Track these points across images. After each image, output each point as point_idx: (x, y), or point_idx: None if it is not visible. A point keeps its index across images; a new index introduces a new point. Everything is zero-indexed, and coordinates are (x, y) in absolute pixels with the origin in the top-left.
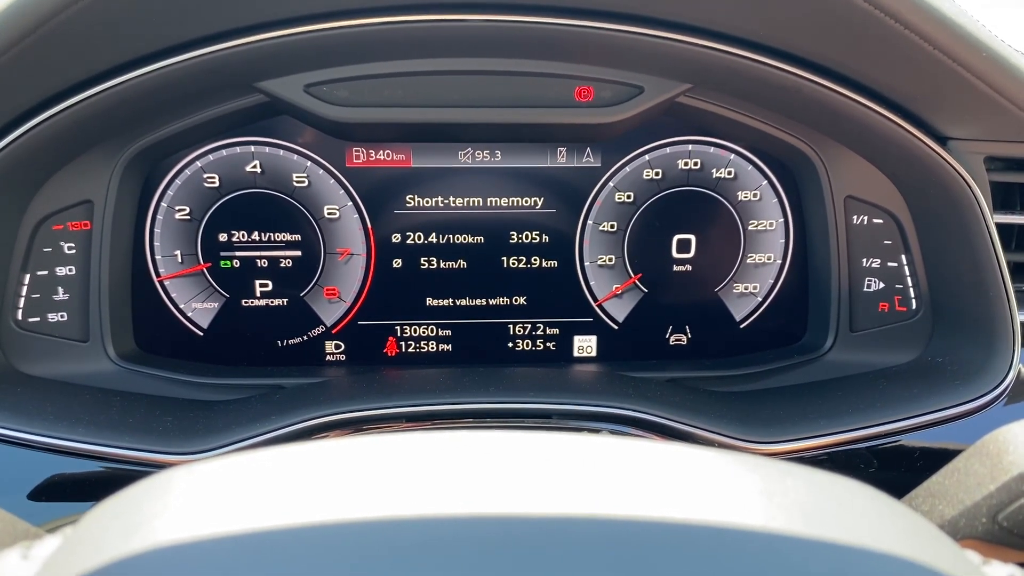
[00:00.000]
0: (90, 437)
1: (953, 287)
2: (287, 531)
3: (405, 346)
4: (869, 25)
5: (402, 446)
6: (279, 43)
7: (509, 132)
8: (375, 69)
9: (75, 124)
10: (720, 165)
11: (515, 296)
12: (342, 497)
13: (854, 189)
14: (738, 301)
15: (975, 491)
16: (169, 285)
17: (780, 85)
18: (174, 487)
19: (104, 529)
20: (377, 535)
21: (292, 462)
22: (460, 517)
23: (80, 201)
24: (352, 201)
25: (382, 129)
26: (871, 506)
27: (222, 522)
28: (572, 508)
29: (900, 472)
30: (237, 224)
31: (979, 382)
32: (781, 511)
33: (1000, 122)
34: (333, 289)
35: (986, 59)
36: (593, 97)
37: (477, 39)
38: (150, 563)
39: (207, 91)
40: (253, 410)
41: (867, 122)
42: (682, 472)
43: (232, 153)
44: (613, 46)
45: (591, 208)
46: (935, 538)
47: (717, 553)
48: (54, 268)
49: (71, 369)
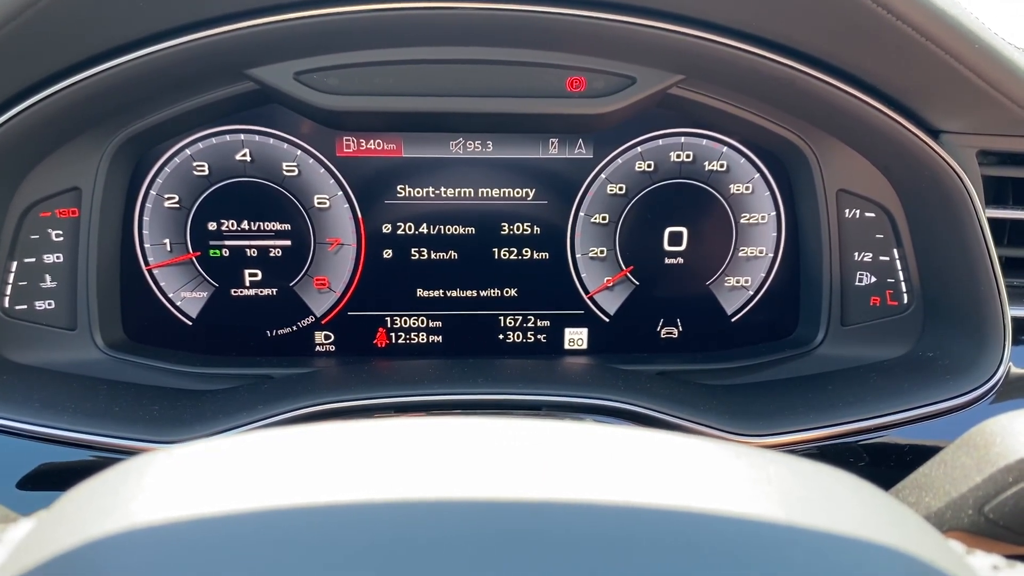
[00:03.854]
0: (77, 425)
1: (945, 282)
2: (262, 514)
3: (395, 337)
4: (862, 16)
5: (383, 431)
6: (269, 30)
7: (501, 122)
8: (366, 57)
9: (63, 111)
10: (712, 158)
11: (506, 288)
12: (316, 481)
13: (846, 183)
14: (729, 294)
15: (961, 483)
16: (158, 274)
17: (772, 77)
18: (150, 470)
19: (78, 511)
20: (350, 519)
21: (269, 446)
22: (434, 501)
23: (68, 188)
24: (342, 191)
25: (372, 118)
26: (854, 495)
27: (197, 504)
28: (551, 494)
29: (890, 467)
30: (226, 213)
31: (970, 377)
32: (763, 498)
33: (993, 116)
34: (323, 279)
35: (979, 52)
36: (585, 87)
37: (469, 28)
38: (124, 544)
39: (196, 78)
40: (241, 399)
41: (860, 115)
42: (664, 458)
43: (222, 141)
44: (605, 36)
45: (583, 200)
46: (918, 527)
47: (698, 539)
48: (41, 256)
49: (58, 357)
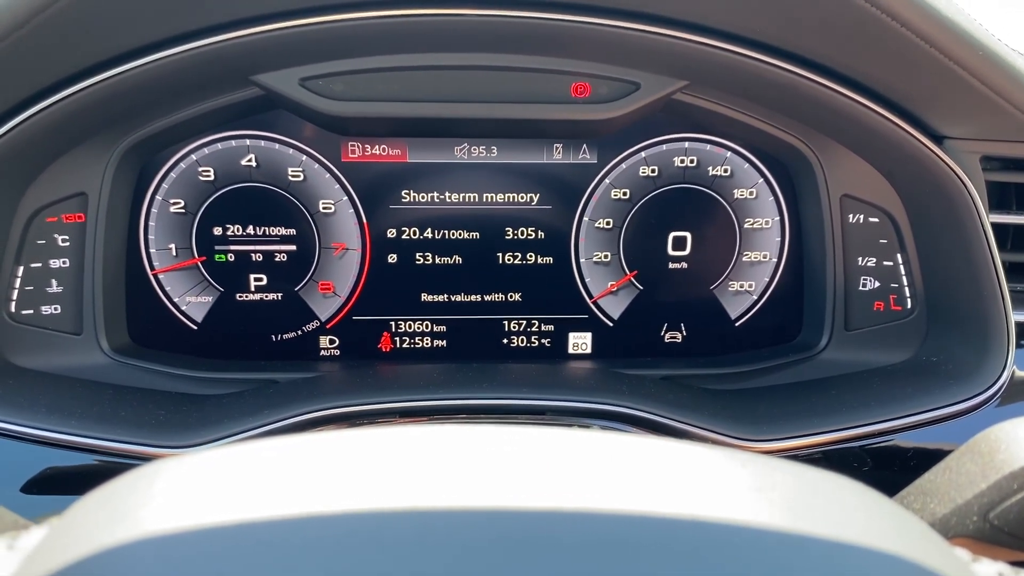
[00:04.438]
0: (82, 430)
1: (948, 287)
2: (273, 523)
3: (399, 342)
4: (866, 23)
5: (393, 439)
6: (274, 36)
7: (505, 128)
8: (371, 63)
9: (69, 116)
10: (716, 163)
11: (510, 292)
12: (325, 490)
13: (850, 188)
14: (733, 299)
15: (966, 489)
16: (163, 278)
17: (777, 83)
18: (161, 478)
19: (89, 520)
20: (362, 528)
21: (282, 454)
22: (443, 510)
23: (74, 193)
24: (347, 196)
25: (377, 123)
26: (860, 502)
27: (208, 513)
28: (555, 502)
29: (894, 471)
30: (232, 218)
31: (973, 382)
32: (768, 506)
33: (997, 121)
34: (328, 284)
35: (983, 58)
36: (590, 93)
37: (473, 34)
38: (135, 554)
39: (202, 84)
40: (246, 404)
41: (863, 120)
42: (668, 466)
43: (227, 147)
44: (610, 42)
45: (587, 205)
46: (923, 535)
47: (702, 548)
48: (48, 260)
49: (64, 362)
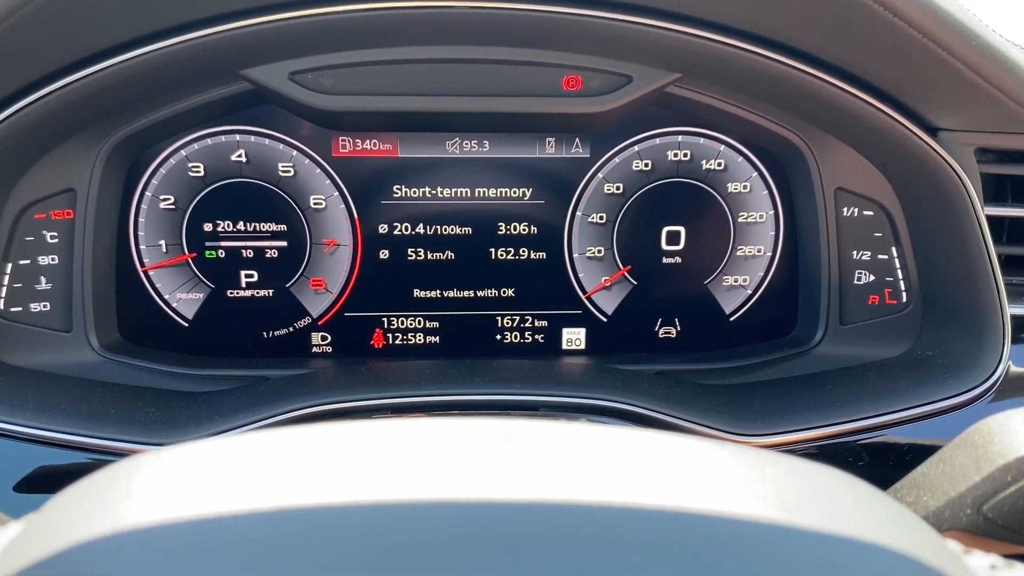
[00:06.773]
0: (72, 428)
1: (943, 280)
2: (252, 516)
3: (392, 338)
4: (859, 14)
5: (375, 432)
6: (263, 29)
7: (497, 121)
8: (361, 57)
9: (56, 111)
10: (710, 156)
11: (503, 288)
12: (306, 483)
13: (844, 181)
14: (728, 294)
15: (960, 482)
16: (154, 275)
17: (770, 75)
18: (138, 472)
19: (66, 514)
20: (341, 521)
21: (259, 447)
22: (429, 503)
23: (63, 190)
24: (338, 191)
25: (368, 118)
26: (852, 495)
27: (184, 507)
28: (546, 495)
29: (889, 466)
30: (222, 214)
31: (969, 376)
32: (759, 498)
33: (991, 113)
34: (319, 280)
35: (976, 48)
36: (582, 86)
37: (464, 27)
38: (110, 547)
39: (191, 78)
40: (237, 401)
41: (857, 112)
42: (660, 458)
43: (217, 142)
44: (601, 35)
45: (580, 199)
46: (915, 527)
47: (694, 540)
48: (36, 257)
49: (54, 359)
